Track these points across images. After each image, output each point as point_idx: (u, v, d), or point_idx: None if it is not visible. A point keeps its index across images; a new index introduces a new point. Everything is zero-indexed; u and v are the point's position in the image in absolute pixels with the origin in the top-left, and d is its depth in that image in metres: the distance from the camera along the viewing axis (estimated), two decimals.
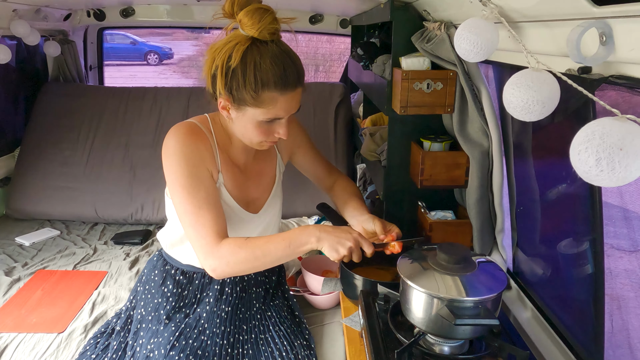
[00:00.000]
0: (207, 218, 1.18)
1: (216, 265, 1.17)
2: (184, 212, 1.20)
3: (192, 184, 1.19)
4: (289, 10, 2.61)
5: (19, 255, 2.11)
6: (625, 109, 0.62)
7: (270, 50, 1.13)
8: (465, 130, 1.42)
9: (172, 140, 1.22)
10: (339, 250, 1.14)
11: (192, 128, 1.25)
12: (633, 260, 2.19)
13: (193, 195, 1.19)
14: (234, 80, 1.13)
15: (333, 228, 1.18)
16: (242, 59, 1.11)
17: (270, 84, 1.13)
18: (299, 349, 1.34)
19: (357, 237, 1.17)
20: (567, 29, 0.73)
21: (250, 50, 1.12)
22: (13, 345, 1.50)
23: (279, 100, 1.16)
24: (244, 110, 1.18)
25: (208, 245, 1.17)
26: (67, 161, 2.53)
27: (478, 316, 0.98)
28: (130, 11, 2.87)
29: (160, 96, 2.73)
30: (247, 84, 1.12)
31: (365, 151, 1.91)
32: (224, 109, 1.21)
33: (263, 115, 1.17)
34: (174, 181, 1.21)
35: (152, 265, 1.46)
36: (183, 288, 1.38)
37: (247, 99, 1.14)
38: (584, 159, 0.60)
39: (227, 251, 1.16)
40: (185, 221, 1.20)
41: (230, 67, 1.12)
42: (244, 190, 1.36)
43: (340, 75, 3.37)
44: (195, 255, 1.23)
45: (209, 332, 1.32)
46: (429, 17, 1.43)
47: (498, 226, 1.45)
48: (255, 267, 1.20)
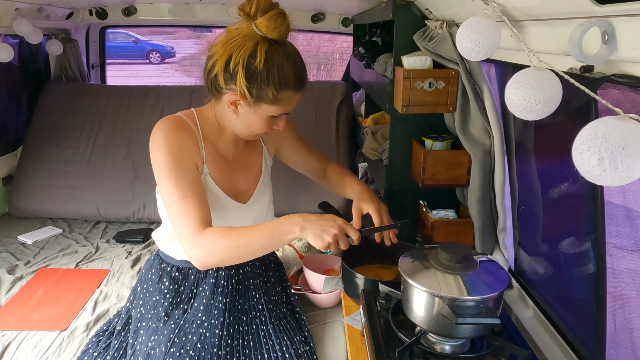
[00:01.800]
0: (191, 207, 1.21)
1: (199, 254, 1.19)
2: (169, 203, 1.23)
3: (177, 174, 1.23)
4: (291, 8, 2.59)
5: (22, 254, 2.12)
6: (628, 108, 0.62)
7: (288, 52, 1.22)
8: (467, 129, 1.42)
9: (158, 133, 1.26)
10: (324, 238, 1.16)
11: (177, 121, 1.29)
12: (636, 259, 2.18)
13: (178, 185, 1.22)
14: (257, 78, 1.19)
15: (317, 216, 1.19)
16: (266, 60, 1.18)
17: (290, 84, 1.22)
18: (298, 344, 1.35)
19: (342, 224, 1.18)
20: (570, 27, 0.73)
21: (271, 51, 1.19)
22: (15, 343, 1.50)
23: (293, 99, 1.25)
24: (259, 107, 1.24)
25: (191, 234, 1.19)
26: (70, 160, 2.53)
27: (479, 315, 0.98)
28: (132, 10, 2.87)
29: (162, 95, 2.73)
30: (271, 84, 1.19)
31: (367, 150, 1.91)
32: (232, 104, 1.25)
33: (276, 111, 1.25)
34: (159, 172, 1.25)
35: (149, 264, 1.48)
36: (179, 284, 1.40)
37: (267, 97, 1.21)
38: (586, 158, 0.60)
39: (209, 239, 1.18)
40: (171, 211, 1.23)
41: (256, 67, 1.18)
42: (232, 182, 1.38)
43: (342, 74, 3.37)
44: None
45: (207, 324, 1.33)
46: (431, 15, 1.43)
47: (500, 225, 1.45)
48: (238, 256, 1.21)
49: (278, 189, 1.96)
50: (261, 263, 1.52)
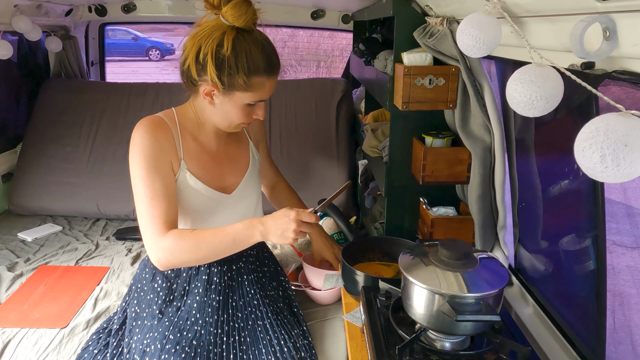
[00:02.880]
0: (158, 208, 1.23)
1: (159, 255, 1.22)
2: (139, 202, 1.25)
3: (148, 175, 1.25)
4: (290, 5, 2.60)
5: (22, 251, 2.12)
6: (629, 105, 0.62)
7: (256, 39, 1.23)
8: (468, 126, 1.41)
9: (135, 134, 1.29)
10: (287, 236, 1.20)
11: (154, 121, 1.31)
12: (636, 256, 2.18)
13: (148, 186, 1.24)
14: (226, 66, 1.21)
15: (272, 217, 1.22)
16: (233, 47, 1.20)
17: (260, 69, 1.23)
18: (296, 338, 1.36)
19: (296, 217, 1.20)
20: (571, 24, 0.72)
21: (239, 38, 1.21)
22: (16, 340, 1.50)
23: (265, 85, 1.26)
24: (232, 94, 1.25)
25: (154, 234, 1.22)
26: (69, 157, 2.53)
27: (479, 312, 0.98)
28: (131, 7, 2.86)
29: (162, 92, 2.73)
30: (240, 70, 1.21)
31: (367, 147, 1.91)
32: (207, 95, 1.27)
33: (250, 98, 1.26)
34: (133, 172, 1.27)
35: (143, 264, 1.48)
36: (172, 282, 1.40)
37: (239, 84, 1.23)
38: (588, 155, 0.60)
39: (171, 241, 1.21)
40: (139, 210, 1.25)
41: (224, 55, 1.20)
42: (217, 175, 1.40)
43: (342, 71, 3.36)
44: None
45: (201, 322, 1.33)
46: (431, 12, 1.42)
47: (500, 222, 1.45)
48: (198, 258, 1.26)
49: None
50: (255, 258, 1.52)
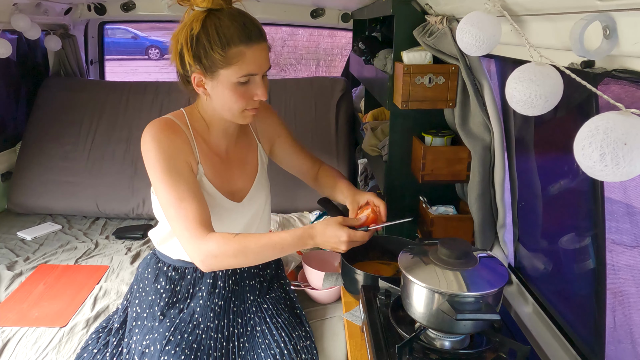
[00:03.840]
0: (189, 210, 1.19)
1: (202, 258, 1.18)
2: (167, 206, 1.21)
3: (172, 177, 1.21)
4: (290, 4, 2.60)
5: (21, 250, 2.12)
6: (629, 104, 0.62)
7: (227, 12, 1.19)
8: (467, 125, 1.41)
9: (148, 136, 1.24)
10: (337, 251, 1.22)
11: (167, 122, 1.27)
12: (635, 255, 2.18)
13: (174, 188, 1.20)
14: (199, 47, 1.17)
15: (321, 234, 1.20)
16: (202, 26, 1.17)
17: (234, 39, 1.17)
18: (297, 340, 1.35)
19: (347, 239, 1.19)
20: (571, 22, 0.72)
21: (209, 16, 1.18)
22: (15, 339, 1.50)
23: (246, 54, 1.18)
24: (217, 75, 1.20)
25: (193, 238, 1.18)
26: (69, 156, 2.53)
27: (479, 311, 0.98)
28: (131, 5, 2.86)
29: (161, 91, 2.73)
30: (213, 45, 1.16)
31: (367, 146, 1.91)
32: (199, 85, 1.24)
33: (236, 74, 1.19)
34: (154, 176, 1.23)
35: (145, 263, 1.47)
36: (176, 284, 1.39)
37: (217, 59, 1.17)
38: (588, 154, 0.59)
39: (214, 244, 1.17)
40: (170, 215, 1.22)
41: (194, 35, 1.17)
42: (227, 179, 1.37)
43: (342, 70, 3.36)
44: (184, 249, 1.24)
45: (203, 326, 1.33)
46: (431, 10, 1.42)
47: (499, 221, 1.44)
48: (240, 263, 1.23)
49: (277, 186, 1.95)
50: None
